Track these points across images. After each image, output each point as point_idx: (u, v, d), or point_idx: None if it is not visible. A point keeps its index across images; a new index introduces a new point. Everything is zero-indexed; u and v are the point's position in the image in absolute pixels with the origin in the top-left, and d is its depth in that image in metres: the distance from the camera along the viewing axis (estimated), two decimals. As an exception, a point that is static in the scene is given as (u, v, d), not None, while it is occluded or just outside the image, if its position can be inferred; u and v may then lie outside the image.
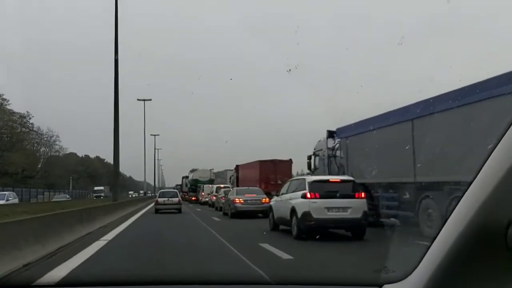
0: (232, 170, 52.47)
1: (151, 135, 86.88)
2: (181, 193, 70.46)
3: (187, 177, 63.70)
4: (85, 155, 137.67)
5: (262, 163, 35.34)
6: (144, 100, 70.52)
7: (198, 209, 34.29)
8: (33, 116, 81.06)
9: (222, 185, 38.82)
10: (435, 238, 1.36)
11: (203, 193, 44.41)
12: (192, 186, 52.81)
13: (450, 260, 1.27)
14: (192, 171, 53.90)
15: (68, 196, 73.31)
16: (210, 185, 45.50)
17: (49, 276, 6.45)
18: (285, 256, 9.25)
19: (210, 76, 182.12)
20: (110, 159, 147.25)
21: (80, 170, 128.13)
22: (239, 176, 42.50)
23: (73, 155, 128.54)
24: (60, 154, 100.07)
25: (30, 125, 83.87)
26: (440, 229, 1.34)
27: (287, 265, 8.22)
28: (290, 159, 35.63)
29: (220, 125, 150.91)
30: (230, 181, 46.73)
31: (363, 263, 8.33)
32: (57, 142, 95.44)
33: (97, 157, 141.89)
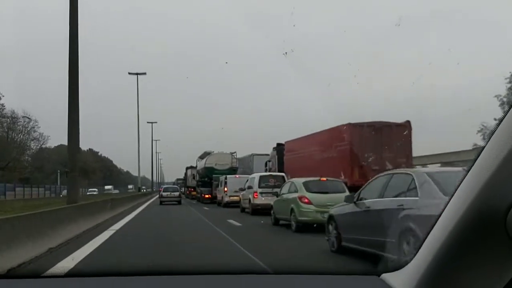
0: (262, 154, 34.75)
1: (147, 122, 72.67)
2: (184, 189, 52.64)
3: (192, 167, 46.11)
4: None
5: (355, 128, 17.51)
6: (137, 74, 54.24)
7: (236, 223, 16.11)
8: (3, 96, 64.33)
9: (270, 173, 21.00)
10: (433, 226, 1.28)
11: (225, 189, 26.55)
12: (204, 178, 34.73)
13: (448, 248, 1.21)
14: (204, 156, 35.81)
15: None
16: (237, 176, 27.69)
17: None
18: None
19: (205, 62, 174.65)
20: (104, 152, 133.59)
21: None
22: (288, 160, 24.80)
23: (63, 147, 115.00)
24: (41, 143, 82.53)
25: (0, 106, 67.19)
26: (438, 217, 1.26)
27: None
28: (408, 122, 17.84)
29: (217, 115, 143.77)
30: (266, 170, 29.09)
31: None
32: (35, 129, 77.55)
33: (90, 150, 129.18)
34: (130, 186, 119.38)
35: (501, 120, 1.06)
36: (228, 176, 27.38)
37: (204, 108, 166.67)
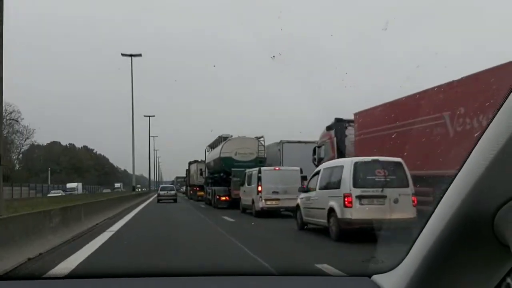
0: (294, 142, 25.17)
1: (144, 116, 65.54)
2: (186, 188, 43.55)
3: (197, 161, 36.53)
4: (69, 144, 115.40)
5: None
6: (131, 55, 44.85)
7: None
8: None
9: (375, 158, 10.70)
10: (423, 228, 1.26)
11: (260, 188, 16.52)
12: (219, 174, 24.53)
13: (437, 250, 1.19)
14: (218, 142, 25.57)
15: None
16: (277, 168, 17.72)
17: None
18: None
19: (193, 64, 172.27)
20: (100, 150, 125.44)
21: (62, 161, 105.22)
22: (364, 141, 15.01)
23: (56, 144, 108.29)
24: (26, 137, 72.81)
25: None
26: (428, 219, 1.24)
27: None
28: None
29: (210, 116, 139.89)
30: (314, 159, 19.43)
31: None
32: (18, 119, 67.74)
33: (85, 147, 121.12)
34: (117, 185, 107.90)
35: (488, 124, 1.03)
36: (263, 168, 17.34)
37: (199, 107, 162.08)
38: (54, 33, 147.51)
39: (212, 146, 27.79)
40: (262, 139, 23.55)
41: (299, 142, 24.77)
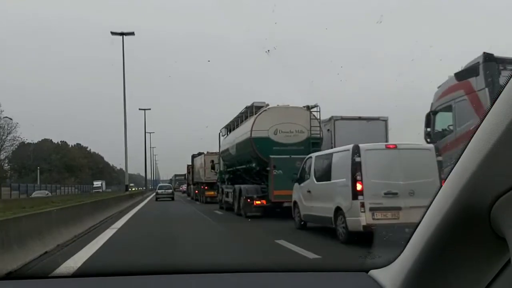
0: (349, 118, 16.65)
1: (140, 109, 60.17)
2: (188, 188, 40.58)
3: (202, 154, 28.65)
4: (61, 142, 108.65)
5: None
6: (122, 34, 37.21)
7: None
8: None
9: None
10: (419, 222, 1.22)
11: (359, 186, 7.97)
12: (248, 165, 15.90)
13: (434, 244, 1.16)
14: (244, 117, 17.03)
15: None
16: (391, 146, 9.02)
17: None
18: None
19: (187, 59, 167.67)
20: (93, 147, 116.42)
21: (53, 159, 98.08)
22: None
23: (47, 141, 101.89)
24: (7, 131, 64.51)
25: None
26: (425, 213, 1.20)
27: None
28: None
29: (203, 111, 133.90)
30: (428, 135, 10.82)
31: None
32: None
33: (78, 145, 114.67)
34: (97, 183, 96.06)
35: (485, 114, 1.00)
36: (363, 146, 8.70)
37: (198, 106, 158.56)
38: (46, 30, 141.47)
39: (231, 126, 19.13)
40: (316, 108, 15.02)
41: (359, 118, 16.61)
